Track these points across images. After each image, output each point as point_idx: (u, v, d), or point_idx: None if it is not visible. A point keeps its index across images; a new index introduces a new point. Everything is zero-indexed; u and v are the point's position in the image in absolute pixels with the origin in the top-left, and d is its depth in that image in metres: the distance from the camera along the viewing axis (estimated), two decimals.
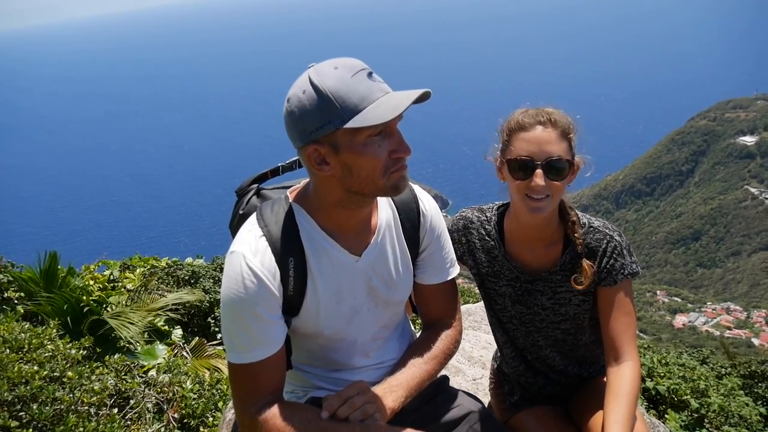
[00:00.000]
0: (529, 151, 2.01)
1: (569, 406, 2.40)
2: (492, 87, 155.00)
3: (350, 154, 1.58)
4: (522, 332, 2.33)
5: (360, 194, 1.66)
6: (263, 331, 1.66)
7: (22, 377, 2.71)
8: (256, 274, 1.63)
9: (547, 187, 2.00)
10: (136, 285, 5.75)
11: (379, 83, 1.59)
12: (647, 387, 4.80)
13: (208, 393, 3.63)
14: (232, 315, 1.66)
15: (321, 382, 1.92)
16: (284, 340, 1.72)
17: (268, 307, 1.66)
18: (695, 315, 51.85)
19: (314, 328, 1.79)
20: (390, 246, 1.86)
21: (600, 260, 2.12)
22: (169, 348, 4.70)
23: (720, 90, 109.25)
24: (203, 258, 8.16)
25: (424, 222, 1.94)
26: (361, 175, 1.61)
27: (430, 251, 1.97)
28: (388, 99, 1.56)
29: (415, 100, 1.59)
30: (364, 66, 1.59)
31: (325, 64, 1.59)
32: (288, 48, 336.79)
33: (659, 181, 79.92)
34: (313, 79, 1.55)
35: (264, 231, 1.70)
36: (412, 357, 1.90)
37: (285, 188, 1.97)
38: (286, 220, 1.73)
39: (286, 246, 1.70)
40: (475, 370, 3.61)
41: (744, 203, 69.68)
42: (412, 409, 1.94)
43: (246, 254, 1.65)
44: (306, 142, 1.59)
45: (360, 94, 1.54)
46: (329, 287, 1.76)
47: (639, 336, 31.25)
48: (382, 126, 1.57)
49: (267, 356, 1.67)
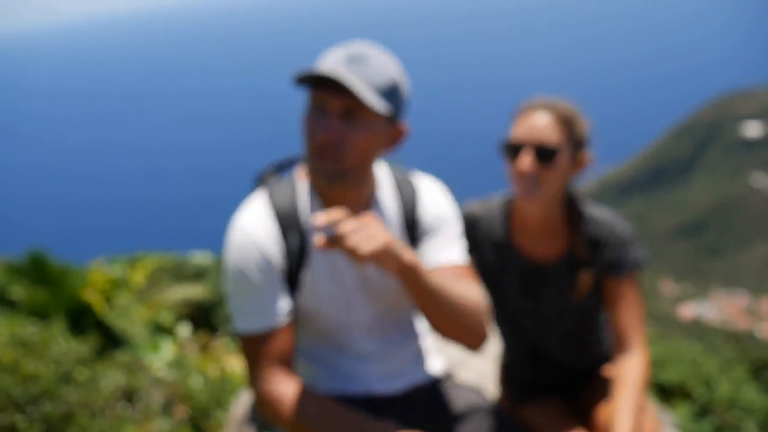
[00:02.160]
0: (521, 134, 2.03)
1: (577, 398, 2.40)
2: (495, 80, 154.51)
3: (305, 111, 1.66)
4: (530, 325, 2.33)
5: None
6: (270, 296, 1.69)
7: (32, 376, 2.72)
8: (257, 242, 1.67)
9: (534, 171, 2.01)
10: (142, 282, 5.77)
11: (351, 68, 1.59)
12: (655, 377, 4.79)
13: (216, 389, 3.64)
14: (237, 282, 1.69)
15: (328, 372, 1.91)
16: (291, 315, 1.74)
17: (271, 276, 1.69)
18: (702, 305, 51.75)
19: (314, 306, 1.79)
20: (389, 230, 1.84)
21: (606, 251, 2.12)
22: (175, 344, 4.71)
23: (725, 80, 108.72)
24: (210, 251, 8.17)
25: (423, 206, 1.88)
26: (303, 141, 1.67)
27: (428, 235, 1.88)
28: (327, 68, 1.58)
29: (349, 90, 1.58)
30: (364, 52, 1.62)
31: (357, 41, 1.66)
32: (292, 43, 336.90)
33: (665, 171, 79.63)
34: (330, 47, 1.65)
35: (268, 202, 1.74)
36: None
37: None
38: (291, 194, 1.76)
39: (289, 218, 1.73)
40: (480, 362, 3.60)
41: (750, 193, 69.44)
42: (417, 402, 1.94)
43: (249, 220, 1.70)
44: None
45: (325, 62, 1.61)
46: (330, 265, 1.77)
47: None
48: (317, 98, 1.62)
49: (273, 325, 1.69)
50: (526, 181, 2.03)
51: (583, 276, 2.13)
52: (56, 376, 2.78)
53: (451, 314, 1.67)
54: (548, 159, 2.01)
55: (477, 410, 1.94)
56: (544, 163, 2.01)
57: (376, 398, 1.90)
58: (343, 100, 1.59)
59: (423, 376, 2.00)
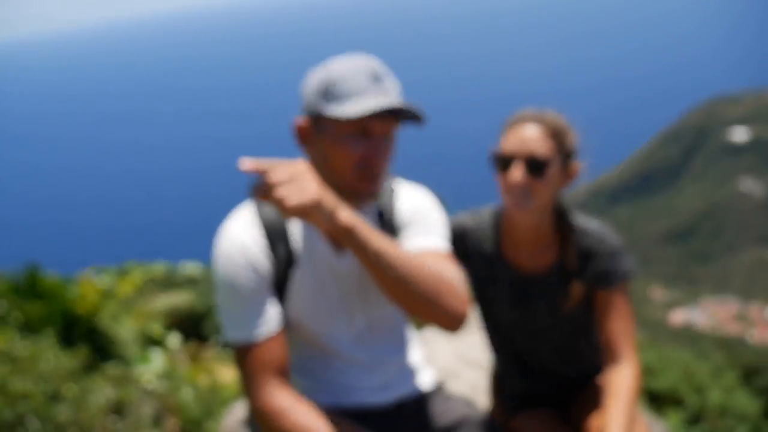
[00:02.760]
0: (511, 146, 2.04)
1: (568, 409, 2.40)
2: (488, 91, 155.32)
3: (330, 141, 1.64)
4: (521, 336, 2.32)
5: (333, 188, 1.65)
6: (258, 306, 1.68)
7: (21, 395, 2.69)
8: (245, 250, 1.67)
9: (524, 183, 2.01)
10: (131, 293, 5.73)
11: (381, 86, 1.64)
12: (646, 385, 4.80)
13: (207, 400, 3.62)
14: (227, 291, 1.69)
15: (318, 384, 1.90)
16: (281, 324, 1.73)
17: (259, 284, 1.69)
18: (692, 311, 51.96)
19: (298, 319, 1.79)
20: None
21: (596, 262, 2.12)
22: (165, 355, 4.68)
23: (712, 85, 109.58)
24: (200, 261, 8.15)
25: (400, 210, 1.89)
26: (333, 167, 1.65)
27: (408, 230, 1.86)
28: (368, 100, 1.60)
29: (406, 118, 1.66)
30: (379, 67, 1.66)
31: (353, 54, 1.68)
32: (288, 46, 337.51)
33: (653, 177, 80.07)
34: (329, 60, 1.66)
35: (256, 212, 1.74)
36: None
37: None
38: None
39: (275, 229, 1.73)
40: (473, 373, 3.60)
41: (738, 198, 69.91)
42: (408, 414, 1.93)
43: (236, 229, 1.70)
44: (303, 113, 1.69)
45: (351, 88, 1.60)
46: (314, 279, 1.77)
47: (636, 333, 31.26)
48: (359, 123, 1.61)
49: (266, 334, 1.68)
50: (517, 193, 2.04)
51: (574, 287, 2.14)
52: (45, 394, 2.75)
53: (410, 284, 1.55)
54: (539, 171, 2.02)
55: (468, 422, 1.94)
56: (534, 176, 2.02)
57: (367, 410, 1.89)
58: (389, 123, 1.65)
59: (413, 388, 1.99)
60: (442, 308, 1.60)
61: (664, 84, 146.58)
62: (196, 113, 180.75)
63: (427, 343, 3.92)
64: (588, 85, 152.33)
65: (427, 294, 1.57)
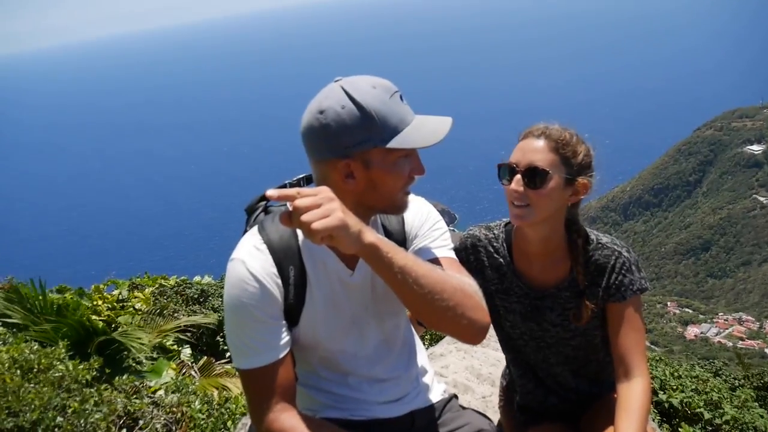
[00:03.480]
0: (515, 157, 2.07)
1: (579, 423, 2.38)
2: (499, 104, 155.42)
3: (380, 171, 1.63)
4: (533, 349, 2.32)
5: (370, 209, 1.71)
6: (268, 334, 1.68)
7: (33, 404, 2.71)
8: (256, 278, 1.66)
9: (525, 195, 2.03)
10: (145, 305, 5.75)
11: (408, 106, 1.67)
12: (660, 400, 4.75)
13: (217, 412, 3.62)
14: (236, 320, 1.69)
15: (329, 400, 1.91)
16: (290, 346, 1.73)
17: (270, 311, 1.68)
18: (707, 326, 51.42)
19: (313, 338, 1.79)
20: None
21: (609, 276, 2.12)
22: (177, 367, 4.69)
23: (726, 99, 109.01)
24: (212, 276, 8.17)
25: (408, 221, 1.93)
26: (383, 192, 1.66)
27: (416, 241, 1.91)
28: (422, 123, 1.64)
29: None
30: (397, 88, 1.66)
31: (360, 80, 1.64)
32: (299, 58, 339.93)
33: (667, 191, 79.64)
34: (354, 95, 1.59)
35: (264, 239, 1.72)
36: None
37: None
38: (286, 230, 1.74)
39: (286, 254, 1.72)
40: (484, 387, 3.58)
41: (753, 212, 69.34)
42: (420, 427, 1.93)
43: (246, 259, 1.68)
44: (339, 156, 1.61)
45: (398, 116, 1.61)
46: (327, 298, 1.77)
47: (650, 348, 31.01)
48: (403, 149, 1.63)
49: (274, 360, 1.68)
50: (517, 204, 2.06)
51: (585, 306, 2.13)
52: (57, 404, 2.77)
53: (435, 299, 1.58)
54: (537, 182, 2.03)
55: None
56: (532, 187, 2.03)
57: (378, 422, 1.89)
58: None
59: (426, 401, 2.00)
60: (467, 321, 1.64)
61: (678, 98, 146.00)
62: (208, 125, 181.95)
63: (439, 357, 3.90)
64: (602, 99, 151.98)
65: (452, 308, 1.60)
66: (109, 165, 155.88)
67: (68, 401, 2.86)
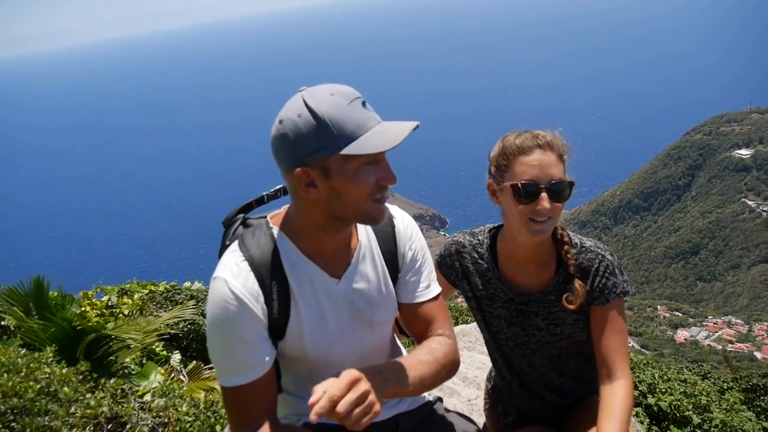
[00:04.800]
0: (533, 175, 2.02)
1: (563, 425, 2.39)
2: (491, 107, 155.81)
3: (341, 179, 1.61)
4: (518, 353, 2.33)
5: (341, 219, 1.70)
6: (250, 353, 1.68)
7: (15, 392, 2.70)
8: (238, 297, 1.65)
9: (550, 209, 2.01)
10: (133, 310, 5.73)
11: (372, 112, 1.64)
12: (649, 403, 4.77)
13: (204, 415, 3.60)
14: (218, 339, 1.68)
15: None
16: (273, 362, 1.73)
17: (253, 330, 1.68)
18: (696, 329, 51.69)
19: (300, 351, 1.79)
20: (371, 267, 1.87)
21: (592, 279, 2.13)
22: (164, 371, 4.67)
23: (715, 104, 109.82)
24: (202, 282, 8.13)
25: (400, 241, 1.95)
26: (348, 200, 1.64)
27: (408, 269, 1.95)
28: (383, 128, 1.61)
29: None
30: (358, 94, 1.63)
31: (320, 89, 1.63)
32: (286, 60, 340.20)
33: (656, 195, 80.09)
34: (310, 103, 1.58)
35: (245, 255, 1.72)
36: (413, 352, 1.85)
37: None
38: (266, 244, 1.75)
39: (268, 269, 1.72)
40: (469, 390, 3.59)
41: (741, 216, 69.82)
42: (405, 430, 1.93)
43: (228, 278, 1.67)
44: (296, 164, 1.60)
45: (356, 122, 1.58)
46: (312, 310, 1.77)
47: (640, 352, 31.14)
48: (375, 154, 1.60)
49: (256, 378, 1.68)
50: (541, 218, 2.03)
51: (577, 284, 2.13)
52: (43, 406, 2.75)
53: (432, 384, 1.83)
54: (561, 196, 2.04)
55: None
56: (559, 200, 2.03)
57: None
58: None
59: (410, 404, 2.01)
60: (450, 373, 1.92)
61: (667, 102, 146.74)
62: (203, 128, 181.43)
63: None
64: (592, 102, 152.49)
65: (443, 377, 1.88)
66: (102, 168, 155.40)
67: (61, 403, 2.84)
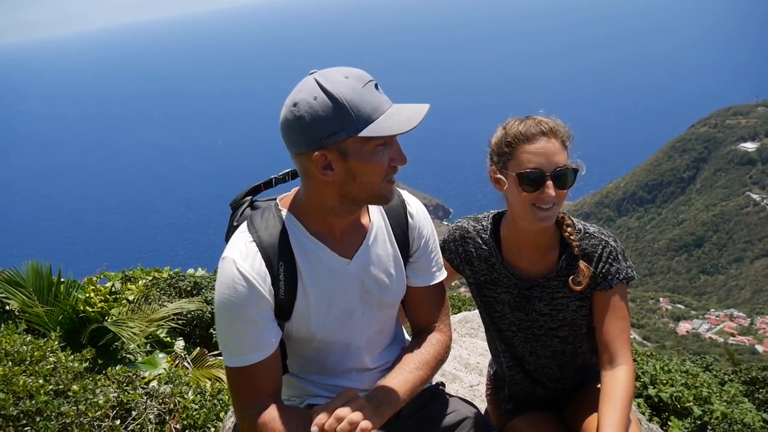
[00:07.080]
0: (538, 162, 2.02)
1: (564, 411, 2.41)
2: (495, 99, 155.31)
3: (357, 161, 1.63)
4: (520, 339, 2.34)
5: (355, 201, 1.72)
6: (257, 334, 1.70)
7: (27, 391, 2.72)
8: (246, 278, 1.68)
9: (555, 196, 2.03)
10: (137, 296, 5.75)
11: (384, 95, 1.66)
12: (650, 394, 4.79)
13: (210, 403, 3.64)
14: (226, 319, 1.71)
15: (317, 389, 1.94)
16: (279, 343, 1.76)
17: (260, 310, 1.70)
18: (699, 322, 51.65)
19: (306, 331, 1.82)
20: (382, 249, 1.89)
21: (596, 265, 2.14)
22: (169, 358, 4.70)
23: (720, 96, 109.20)
24: (206, 269, 8.16)
25: (413, 224, 1.97)
26: (363, 182, 1.67)
27: (419, 253, 1.98)
28: (398, 111, 1.63)
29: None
30: (371, 77, 1.65)
31: (333, 71, 1.64)
32: (292, 50, 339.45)
33: (661, 188, 79.81)
34: (325, 85, 1.59)
35: (254, 236, 1.74)
36: (404, 363, 1.89)
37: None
38: (275, 225, 1.77)
39: (276, 250, 1.74)
40: (471, 376, 3.61)
41: (746, 209, 69.57)
42: (407, 415, 1.96)
43: (236, 259, 1.70)
44: (314, 147, 1.62)
45: (372, 105, 1.60)
46: (320, 291, 1.79)
47: (642, 344, 31.15)
48: (389, 136, 1.62)
49: (262, 359, 1.70)
50: (546, 206, 2.05)
51: (582, 266, 2.14)
52: (50, 393, 2.78)
53: (424, 384, 1.91)
54: (566, 183, 2.05)
55: (466, 422, 1.97)
56: (564, 186, 2.05)
57: None
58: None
59: None
60: (438, 369, 2.00)
61: (672, 94, 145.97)
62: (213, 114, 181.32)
63: None
64: (597, 94, 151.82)
65: (432, 376, 1.97)
66: (109, 155, 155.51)
67: (67, 390, 2.87)
